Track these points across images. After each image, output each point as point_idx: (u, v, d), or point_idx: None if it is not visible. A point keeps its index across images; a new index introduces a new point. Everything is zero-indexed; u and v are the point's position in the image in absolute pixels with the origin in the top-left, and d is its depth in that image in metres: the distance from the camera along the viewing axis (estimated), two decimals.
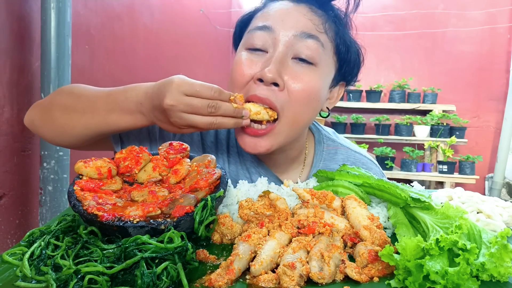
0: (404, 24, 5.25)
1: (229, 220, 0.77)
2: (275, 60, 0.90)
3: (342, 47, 0.99)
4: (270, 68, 0.89)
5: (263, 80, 0.90)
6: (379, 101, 5.09)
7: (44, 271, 0.62)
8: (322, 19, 0.96)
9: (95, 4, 2.59)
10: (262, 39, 0.93)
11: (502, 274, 0.59)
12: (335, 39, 0.98)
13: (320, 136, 1.19)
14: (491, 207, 0.87)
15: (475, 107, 5.20)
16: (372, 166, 1.21)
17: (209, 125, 0.83)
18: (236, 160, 1.11)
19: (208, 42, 4.75)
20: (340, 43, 0.99)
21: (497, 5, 5.03)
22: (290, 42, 0.92)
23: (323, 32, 0.95)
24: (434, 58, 5.26)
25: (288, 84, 0.91)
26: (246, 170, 1.10)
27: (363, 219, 0.75)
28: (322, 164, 1.15)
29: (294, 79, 0.92)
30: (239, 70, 0.94)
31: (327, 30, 0.96)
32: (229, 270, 0.60)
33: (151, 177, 0.88)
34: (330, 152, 1.17)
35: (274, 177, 1.11)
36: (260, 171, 1.11)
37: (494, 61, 5.10)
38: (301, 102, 0.93)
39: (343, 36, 1.00)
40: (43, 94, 1.98)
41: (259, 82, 0.91)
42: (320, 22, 0.95)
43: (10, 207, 1.99)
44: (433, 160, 4.94)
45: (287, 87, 0.92)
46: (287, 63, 0.92)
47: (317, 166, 1.13)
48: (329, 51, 0.97)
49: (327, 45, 0.96)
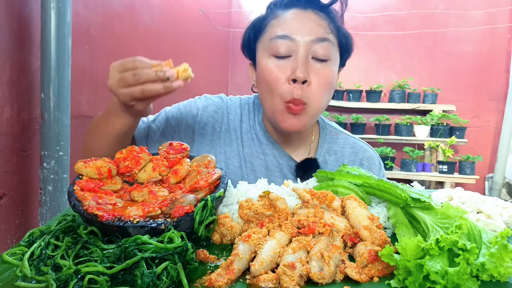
0: (404, 24, 5.24)
1: (229, 220, 0.77)
2: (301, 62, 1.10)
3: (343, 40, 1.21)
4: (300, 69, 1.09)
5: (297, 80, 1.09)
6: (379, 101, 5.09)
7: (44, 271, 0.62)
8: (327, 21, 1.16)
9: (95, 4, 2.59)
10: (285, 47, 1.12)
11: (502, 274, 0.59)
12: (338, 35, 1.19)
13: (324, 123, 1.40)
14: (491, 207, 0.87)
15: (475, 107, 5.20)
16: (368, 149, 1.39)
17: (141, 93, 0.92)
18: (251, 144, 1.30)
19: (208, 42, 4.75)
20: (341, 37, 1.20)
21: (497, 5, 5.03)
22: (308, 46, 1.11)
23: (330, 33, 1.15)
24: (434, 58, 5.25)
25: (313, 80, 1.12)
26: (261, 152, 1.29)
27: (363, 219, 0.75)
28: (326, 146, 1.35)
29: (316, 75, 1.12)
30: (273, 76, 1.13)
31: (332, 30, 1.16)
32: (229, 270, 0.60)
33: (151, 177, 0.88)
34: (332, 136, 1.37)
35: (288, 156, 1.29)
36: (274, 152, 1.29)
37: (494, 61, 5.10)
38: (322, 91, 1.14)
39: (342, 31, 1.21)
40: (43, 94, 1.98)
41: (292, 82, 1.11)
42: (326, 24, 1.15)
43: (10, 207, 1.99)
44: (433, 160, 4.93)
45: (312, 82, 1.12)
46: (309, 63, 1.12)
47: (322, 147, 1.34)
48: (335, 46, 1.18)
49: (334, 42, 1.17)
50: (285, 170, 1.29)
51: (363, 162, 1.35)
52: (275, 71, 1.12)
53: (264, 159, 1.28)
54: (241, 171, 1.27)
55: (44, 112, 1.99)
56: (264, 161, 1.28)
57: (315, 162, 1.27)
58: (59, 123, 2.01)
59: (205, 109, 1.32)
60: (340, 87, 5.08)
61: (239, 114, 1.34)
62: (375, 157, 1.38)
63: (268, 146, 1.29)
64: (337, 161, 1.33)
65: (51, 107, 1.99)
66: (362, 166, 1.33)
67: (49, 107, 1.99)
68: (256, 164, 1.28)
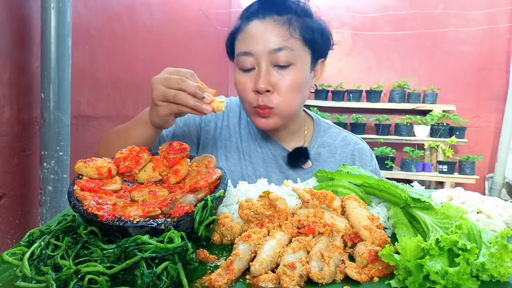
0: (404, 24, 5.24)
1: (229, 220, 0.77)
2: (263, 74, 1.18)
3: (309, 35, 1.21)
4: (261, 81, 1.17)
5: (259, 91, 1.18)
6: (379, 101, 5.09)
7: (44, 271, 0.62)
8: (285, 26, 1.19)
9: (95, 4, 2.59)
10: (249, 62, 1.20)
11: (502, 274, 0.59)
12: (301, 33, 1.20)
13: (318, 119, 1.50)
14: (491, 207, 0.87)
15: (475, 107, 5.19)
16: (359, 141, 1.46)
17: (174, 96, 0.98)
18: (249, 138, 1.41)
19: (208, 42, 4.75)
20: (306, 33, 1.21)
21: (497, 5, 5.03)
22: (267, 57, 1.18)
23: (290, 38, 1.18)
24: (434, 58, 5.25)
25: (276, 87, 1.19)
26: (258, 145, 1.39)
27: (363, 219, 0.75)
28: (320, 139, 1.43)
29: (280, 81, 1.19)
30: (241, 87, 1.23)
31: (292, 32, 1.18)
32: (229, 270, 0.60)
33: (151, 177, 0.88)
34: (326, 131, 1.46)
35: (282, 148, 1.39)
36: (269, 145, 1.39)
37: (494, 61, 5.10)
38: (290, 95, 1.21)
39: (307, 26, 1.21)
40: (43, 94, 1.98)
41: (257, 93, 1.20)
42: (284, 31, 1.18)
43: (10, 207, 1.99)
44: (433, 160, 4.93)
45: (276, 89, 1.19)
46: (271, 72, 1.19)
47: (316, 140, 1.42)
48: (299, 46, 1.20)
49: (295, 44, 1.19)
50: (280, 161, 1.38)
51: (355, 153, 1.42)
52: (242, 83, 1.23)
53: (261, 151, 1.39)
54: (240, 163, 1.37)
55: (44, 112, 1.99)
56: (261, 154, 1.39)
57: (305, 151, 1.36)
58: (59, 123, 2.01)
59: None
60: (341, 87, 5.08)
61: (238, 112, 1.47)
62: (366, 148, 1.47)
63: (263, 140, 1.40)
64: (330, 153, 1.41)
65: (51, 107, 1.99)
66: (353, 156, 1.42)
67: (49, 107, 1.99)
68: (254, 156, 1.39)
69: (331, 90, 5.12)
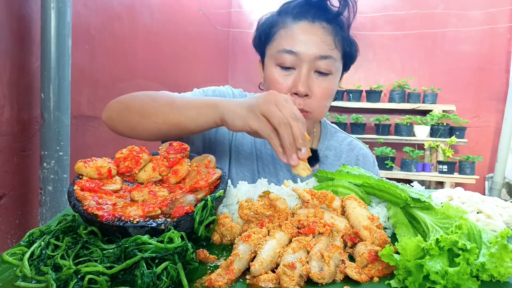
0: (404, 24, 5.24)
1: (228, 221, 0.77)
2: (303, 77, 1.18)
3: (348, 49, 1.26)
4: (302, 84, 1.17)
5: (298, 94, 1.18)
6: (379, 101, 5.09)
7: (44, 271, 0.61)
8: (332, 35, 1.21)
9: (95, 4, 2.59)
10: (291, 61, 1.19)
11: (502, 274, 0.59)
12: (342, 46, 1.24)
13: (325, 123, 1.52)
14: (491, 207, 0.87)
15: (475, 107, 5.19)
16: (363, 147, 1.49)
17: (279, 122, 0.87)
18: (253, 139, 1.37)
19: (208, 42, 4.75)
20: (346, 46, 1.25)
21: (497, 5, 5.03)
22: (312, 61, 1.19)
23: (334, 48, 1.21)
24: (434, 58, 5.25)
25: (314, 93, 1.21)
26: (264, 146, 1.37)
27: (363, 219, 0.75)
28: (327, 142, 1.45)
29: (318, 88, 1.21)
30: (277, 86, 1.21)
31: (337, 44, 1.22)
32: (229, 270, 0.60)
33: (151, 177, 0.88)
34: (332, 134, 1.48)
35: None
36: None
37: (494, 61, 5.10)
38: (324, 102, 1.25)
39: (348, 39, 1.26)
40: (43, 94, 1.98)
41: (295, 94, 1.19)
42: (331, 40, 1.20)
43: (10, 207, 1.99)
44: (433, 160, 4.93)
45: (314, 95, 1.21)
46: (311, 77, 1.21)
47: (323, 143, 1.44)
48: (339, 58, 1.25)
49: (337, 55, 1.23)
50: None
51: (359, 158, 1.45)
52: (280, 81, 1.21)
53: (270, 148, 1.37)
54: (251, 157, 1.36)
55: (44, 112, 1.99)
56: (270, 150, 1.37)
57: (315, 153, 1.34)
58: (59, 123, 2.01)
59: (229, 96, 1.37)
60: (340, 87, 5.06)
61: None
62: (369, 154, 1.50)
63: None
64: (336, 156, 1.43)
65: (51, 107, 1.99)
66: (357, 161, 1.44)
67: (49, 107, 1.99)
68: (264, 152, 1.37)
69: None
